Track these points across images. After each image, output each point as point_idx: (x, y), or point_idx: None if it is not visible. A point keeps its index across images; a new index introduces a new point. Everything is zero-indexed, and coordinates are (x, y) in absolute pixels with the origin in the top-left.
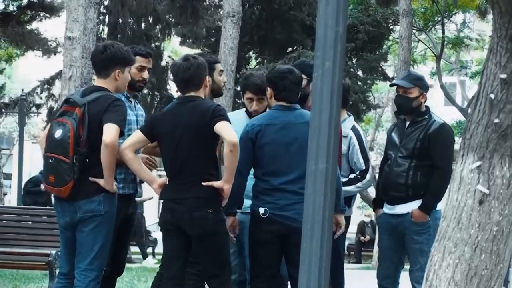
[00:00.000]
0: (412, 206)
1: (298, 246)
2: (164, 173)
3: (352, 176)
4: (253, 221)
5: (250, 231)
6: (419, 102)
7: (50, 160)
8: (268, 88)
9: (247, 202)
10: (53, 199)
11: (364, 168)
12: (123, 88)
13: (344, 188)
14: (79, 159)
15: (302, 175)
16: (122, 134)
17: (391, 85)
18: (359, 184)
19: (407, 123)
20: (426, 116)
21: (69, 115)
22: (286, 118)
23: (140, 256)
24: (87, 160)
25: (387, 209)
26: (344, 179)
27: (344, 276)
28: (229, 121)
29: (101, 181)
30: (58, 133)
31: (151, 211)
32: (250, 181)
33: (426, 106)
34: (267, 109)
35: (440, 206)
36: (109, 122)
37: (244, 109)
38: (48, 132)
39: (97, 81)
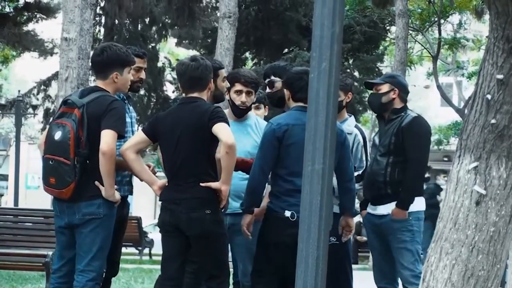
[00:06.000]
0: (392, 207)
1: None
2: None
3: (355, 174)
4: (273, 223)
5: (266, 232)
6: (389, 98)
7: (50, 162)
8: (285, 90)
9: (235, 204)
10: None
11: (364, 166)
12: (123, 88)
13: None
14: (80, 160)
15: None
16: (122, 137)
17: (365, 84)
18: (361, 183)
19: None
20: (402, 113)
21: (68, 116)
22: None
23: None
24: (87, 161)
25: (370, 209)
26: None
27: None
28: (227, 123)
29: (102, 190)
30: (57, 135)
31: (147, 212)
32: (239, 181)
33: (405, 105)
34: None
35: (422, 207)
36: (106, 128)
37: (226, 111)
38: (47, 134)
39: (97, 82)
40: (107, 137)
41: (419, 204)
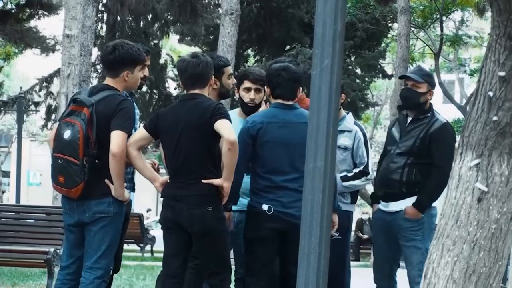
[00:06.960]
0: (406, 203)
1: (298, 243)
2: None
3: (356, 170)
4: (252, 218)
5: (247, 228)
6: (426, 98)
7: (59, 161)
8: (266, 86)
9: (244, 201)
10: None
11: (365, 162)
12: (134, 86)
13: (351, 183)
14: (89, 160)
15: (302, 174)
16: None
17: (401, 77)
18: (363, 178)
19: (409, 119)
20: (428, 114)
21: (77, 115)
22: (286, 116)
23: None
24: (97, 161)
25: (382, 206)
26: (349, 174)
27: (350, 276)
28: (229, 119)
29: (112, 189)
30: (67, 134)
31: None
32: (249, 179)
33: (430, 104)
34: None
35: (436, 203)
36: (115, 129)
37: (237, 109)
38: (56, 132)
39: (107, 80)
40: (117, 138)
41: None
